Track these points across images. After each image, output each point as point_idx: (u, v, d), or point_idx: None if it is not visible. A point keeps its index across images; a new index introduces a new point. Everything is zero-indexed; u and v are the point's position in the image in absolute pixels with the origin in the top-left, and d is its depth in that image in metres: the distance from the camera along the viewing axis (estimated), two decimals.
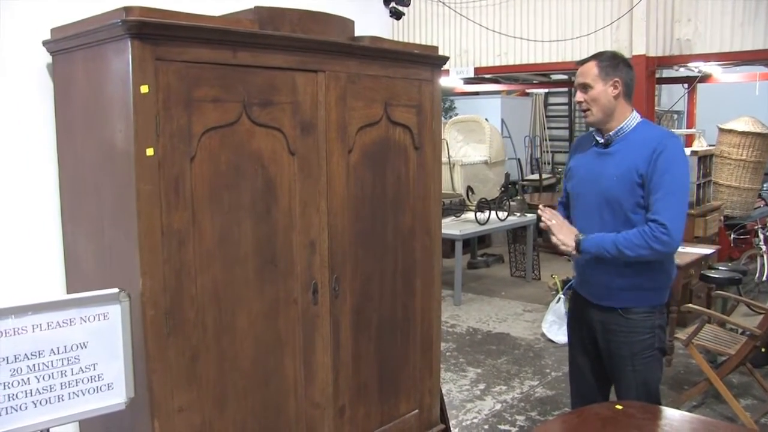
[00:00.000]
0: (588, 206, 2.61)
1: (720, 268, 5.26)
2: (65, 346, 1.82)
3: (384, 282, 2.65)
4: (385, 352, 2.68)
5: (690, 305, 4.45)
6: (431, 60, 2.75)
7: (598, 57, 2.58)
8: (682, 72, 6.83)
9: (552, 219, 2.62)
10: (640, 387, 2.60)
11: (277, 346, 2.28)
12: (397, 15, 3.43)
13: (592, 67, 2.54)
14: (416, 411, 2.85)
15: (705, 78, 6.78)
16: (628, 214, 2.50)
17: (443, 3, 6.85)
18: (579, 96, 2.60)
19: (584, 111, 2.59)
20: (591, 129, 2.70)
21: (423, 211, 2.78)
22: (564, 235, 2.58)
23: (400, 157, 2.66)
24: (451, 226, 6.80)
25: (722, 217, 6.79)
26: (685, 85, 7.37)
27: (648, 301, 2.57)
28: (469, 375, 4.84)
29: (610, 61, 2.54)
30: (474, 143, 8.55)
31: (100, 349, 1.88)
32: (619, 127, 2.55)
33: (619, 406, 2.38)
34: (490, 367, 5.01)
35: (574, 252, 2.56)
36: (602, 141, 2.60)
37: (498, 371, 4.90)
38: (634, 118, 2.56)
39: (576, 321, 2.82)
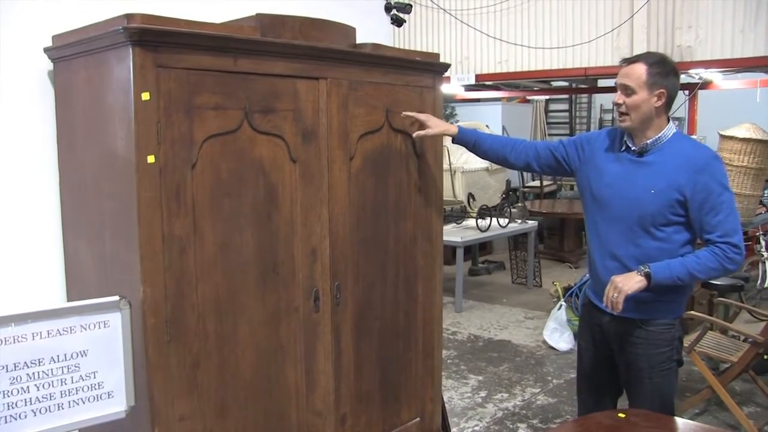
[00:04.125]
0: (615, 214, 2.49)
1: None
2: (65, 354, 1.82)
3: (385, 289, 2.64)
4: (386, 360, 2.67)
5: (692, 312, 4.43)
6: (433, 67, 2.74)
7: (648, 59, 2.39)
8: (683, 79, 6.81)
9: (613, 288, 2.39)
10: (656, 399, 2.53)
11: (278, 354, 2.27)
12: (398, 22, 3.43)
13: (641, 71, 2.36)
14: (418, 419, 2.84)
15: (706, 85, 6.78)
16: (656, 227, 2.41)
17: (444, 10, 6.86)
18: (619, 98, 2.43)
19: (621, 114, 2.45)
20: (618, 130, 2.56)
21: (424, 218, 2.77)
22: (626, 281, 2.37)
23: (402, 165, 2.65)
24: (452, 233, 6.79)
25: None
26: (686, 92, 7.37)
27: (669, 314, 2.49)
28: (471, 382, 4.82)
29: (661, 68, 2.37)
30: None
31: (100, 357, 1.88)
32: (656, 137, 2.42)
33: (622, 414, 2.36)
34: (492, 374, 4.99)
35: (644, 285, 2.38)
36: (635, 148, 2.46)
37: (499, 379, 4.88)
38: (670, 129, 2.45)
39: (589, 330, 2.72)
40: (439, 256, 2.87)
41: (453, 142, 2.74)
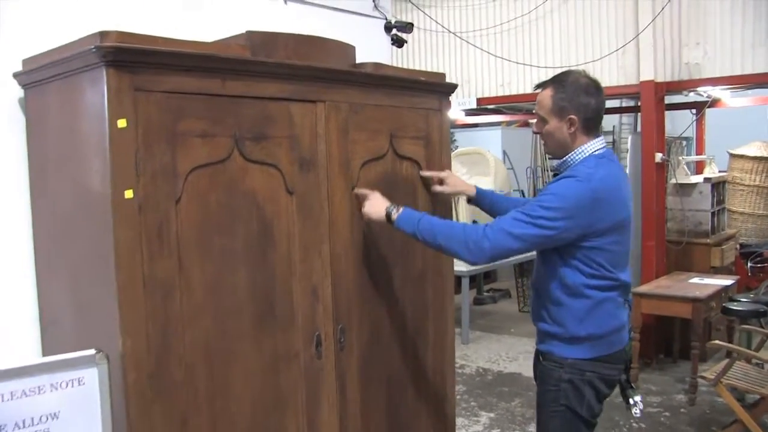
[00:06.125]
0: None
1: (742, 300, 5.03)
2: (32, 418, 1.59)
3: (394, 331, 2.42)
4: (395, 408, 2.45)
5: (717, 342, 4.22)
6: (439, 88, 2.56)
7: (555, 85, 2.27)
8: (690, 97, 6.64)
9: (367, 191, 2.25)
10: None
11: (277, 406, 2.05)
12: (399, 43, 3.28)
13: (547, 98, 2.26)
14: None
15: (714, 103, 6.61)
16: (555, 259, 2.24)
17: (449, 30, 6.71)
18: (535, 127, 2.37)
19: (543, 142, 2.37)
20: None
21: (434, 251, 2.56)
22: (373, 205, 2.22)
23: (408, 194, 2.45)
24: (457, 262, 6.57)
25: (738, 245, 6.58)
26: (694, 111, 7.20)
27: (558, 352, 2.28)
28: (482, 420, 4.58)
29: (567, 92, 2.23)
30: (478, 176, 8.39)
31: (74, 419, 1.65)
32: (564, 159, 2.30)
33: None
34: (504, 410, 4.75)
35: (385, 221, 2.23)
36: (554, 172, 2.43)
37: (512, 415, 4.64)
38: (582, 152, 2.26)
39: None
40: (450, 290, 2.67)
41: (468, 202, 2.63)
